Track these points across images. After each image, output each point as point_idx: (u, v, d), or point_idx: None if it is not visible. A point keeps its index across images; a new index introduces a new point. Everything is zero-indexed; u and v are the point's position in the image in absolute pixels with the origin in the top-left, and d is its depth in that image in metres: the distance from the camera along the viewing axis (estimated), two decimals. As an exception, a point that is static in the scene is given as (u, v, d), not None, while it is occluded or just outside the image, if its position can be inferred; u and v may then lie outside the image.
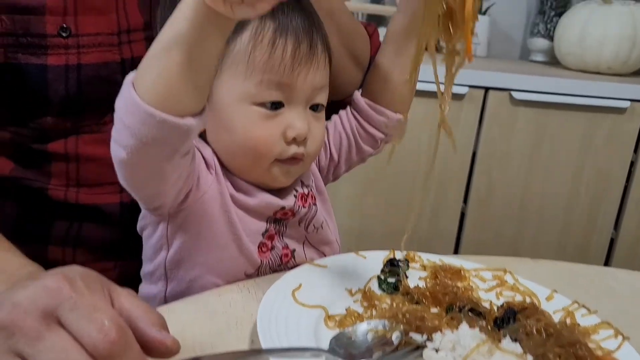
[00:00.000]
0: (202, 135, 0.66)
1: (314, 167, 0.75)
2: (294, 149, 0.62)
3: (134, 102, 0.48)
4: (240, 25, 0.58)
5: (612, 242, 1.77)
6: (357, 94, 0.75)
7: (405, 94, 0.74)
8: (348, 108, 0.76)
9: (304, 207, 0.69)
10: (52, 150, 0.69)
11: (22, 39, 0.64)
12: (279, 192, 0.67)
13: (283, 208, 0.66)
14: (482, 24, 2.01)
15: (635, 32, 1.72)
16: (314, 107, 0.64)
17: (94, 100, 0.69)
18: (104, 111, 0.71)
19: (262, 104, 0.60)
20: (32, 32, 0.64)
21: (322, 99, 0.65)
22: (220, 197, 0.63)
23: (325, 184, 0.76)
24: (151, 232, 0.65)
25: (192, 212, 0.62)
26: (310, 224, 0.70)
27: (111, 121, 0.74)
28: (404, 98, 0.74)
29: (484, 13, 2.03)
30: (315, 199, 0.71)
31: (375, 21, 1.95)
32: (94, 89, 0.68)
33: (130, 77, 0.49)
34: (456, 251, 1.72)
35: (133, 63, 0.71)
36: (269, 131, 0.61)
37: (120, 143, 0.51)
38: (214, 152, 0.65)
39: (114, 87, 0.70)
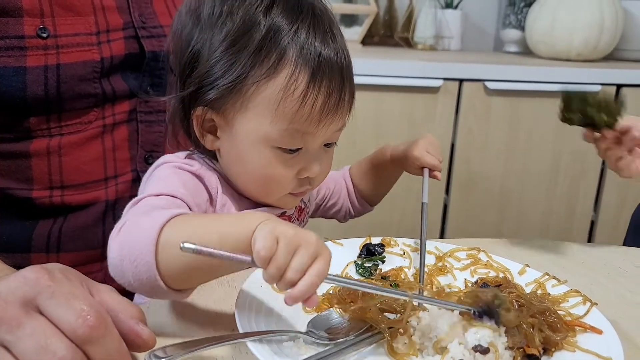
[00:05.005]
0: (212, 154, 0.66)
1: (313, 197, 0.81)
2: (305, 187, 0.65)
3: (154, 275, 0.47)
4: (274, 70, 0.57)
5: (592, 225, 1.80)
6: (348, 175, 0.88)
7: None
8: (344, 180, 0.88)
9: (297, 219, 0.72)
10: (34, 150, 0.70)
11: (0, 41, 0.65)
12: None
13: (284, 213, 0.69)
14: (454, 18, 2.04)
15: (603, 18, 1.75)
16: (328, 144, 0.65)
17: (74, 99, 0.70)
18: (85, 109, 0.71)
19: (281, 148, 0.60)
20: (10, 34, 0.65)
21: (337, 137, 0.65)
22: None
23: None
24: None
25: None
26: None
27: (95, 120, 0.75)
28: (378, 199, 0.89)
29: (455, 7, 2.06)
30: (306, 218, 0.75)
31: (348, 20, 1.97)
32: (74, 87, 0.69)
33: (152, 236, 0.47)
34: (441, 241, 1.74)
35: (112, 61, 0.72)
36: (284, 172, 0.62)
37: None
38: (219, 176, 0.65)
39: (93, 85, 0.71)
